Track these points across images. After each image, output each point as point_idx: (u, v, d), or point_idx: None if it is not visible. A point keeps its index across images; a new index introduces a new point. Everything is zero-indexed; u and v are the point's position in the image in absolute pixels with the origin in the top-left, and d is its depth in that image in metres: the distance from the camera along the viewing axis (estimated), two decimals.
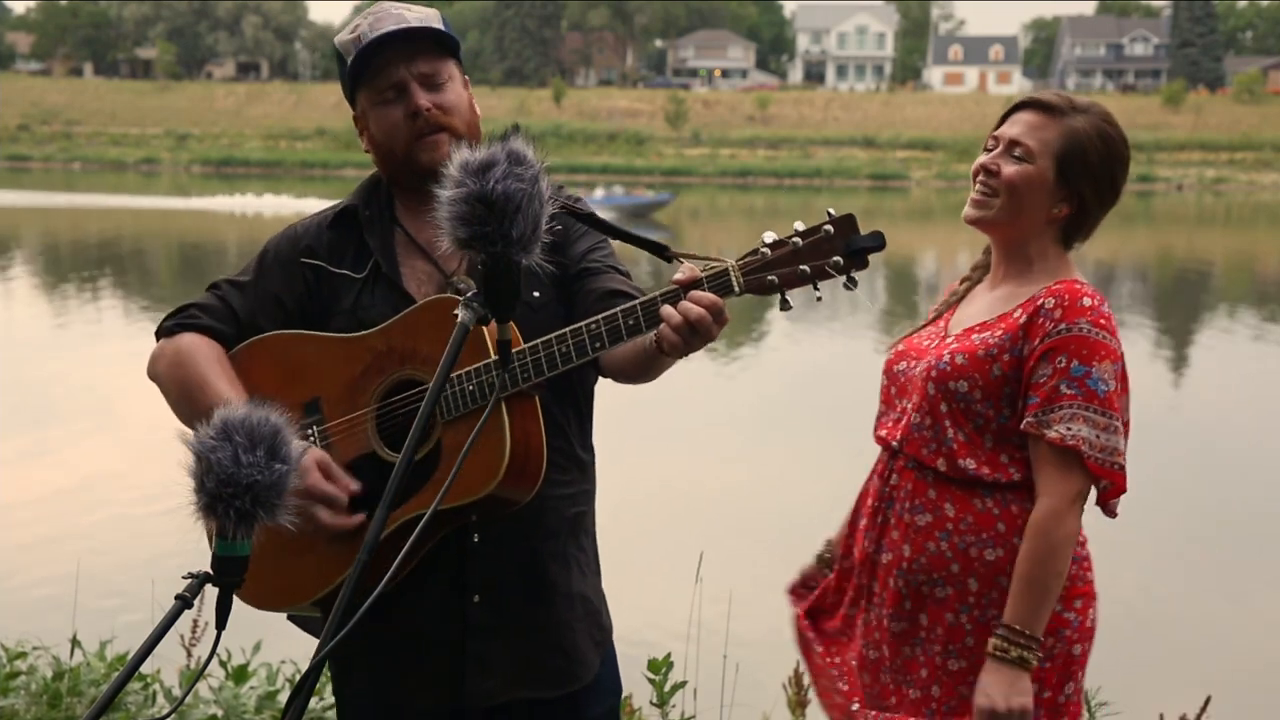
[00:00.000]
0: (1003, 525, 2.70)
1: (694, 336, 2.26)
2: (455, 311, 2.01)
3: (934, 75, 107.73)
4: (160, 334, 2.76)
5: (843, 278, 2.25)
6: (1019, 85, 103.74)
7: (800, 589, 3.13)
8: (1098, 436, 2.63)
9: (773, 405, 14.60)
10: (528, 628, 2.66)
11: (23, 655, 4.82)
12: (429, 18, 2.69)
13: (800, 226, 2.27)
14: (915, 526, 2.75)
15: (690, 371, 15.86)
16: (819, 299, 2.29)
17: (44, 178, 62.68)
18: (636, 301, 2.33)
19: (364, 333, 2.62)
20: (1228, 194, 64.88)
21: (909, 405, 2.80)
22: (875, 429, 2.91)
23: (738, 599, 5.30)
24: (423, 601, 2.61)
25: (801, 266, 2.25)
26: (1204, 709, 4.12)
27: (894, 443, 2.81)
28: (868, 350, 18.65)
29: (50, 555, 8.20)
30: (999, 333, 2.72)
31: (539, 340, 2.38)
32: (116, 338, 18.48)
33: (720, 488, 10.63)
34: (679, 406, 13.71)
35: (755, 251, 2.27)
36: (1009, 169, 2.75)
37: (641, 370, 2.51)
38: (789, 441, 12.58)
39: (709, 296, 2.26)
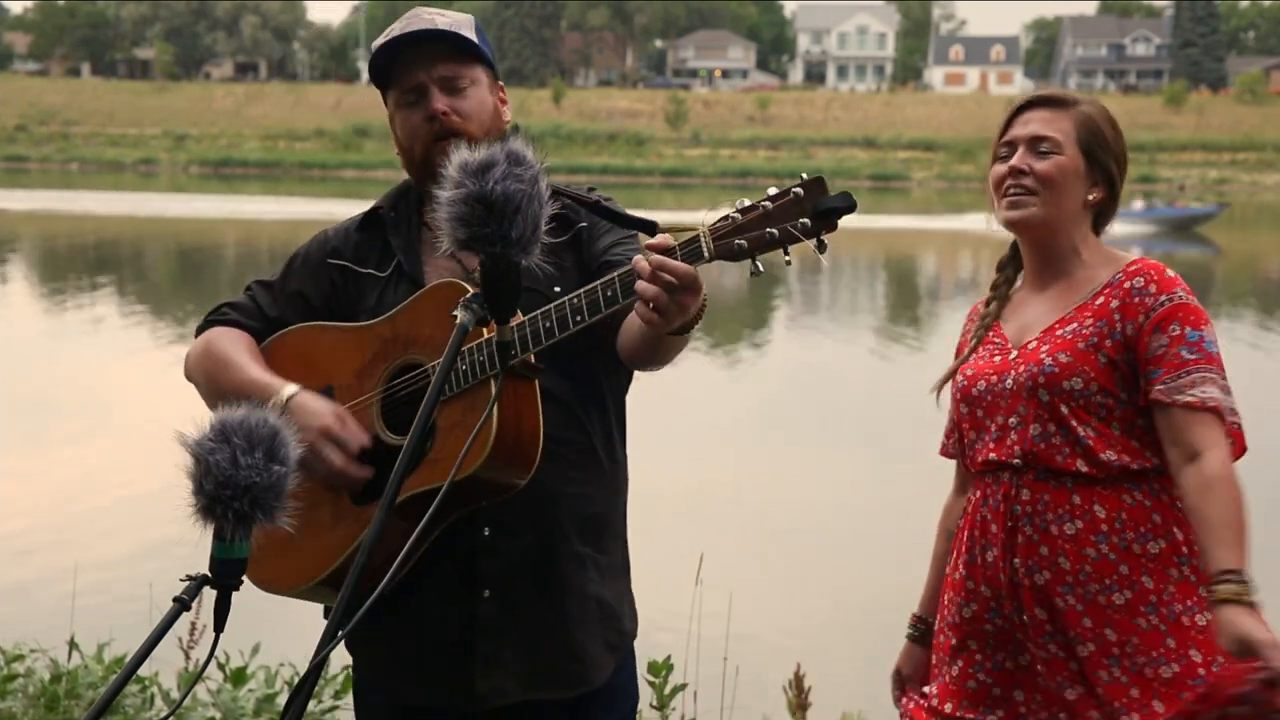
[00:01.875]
0: (1158, 515, 2.66)
1: (667, 300, 2.22)
2: (457, 307, 2.00)
3: (935, 75, 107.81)
4: (196, 335, 2.85)
5: (812, 241, 2.22)
6: (1020, 86, 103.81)
7: (912, 686, 2.98)
8: (1225, 397, 2.65)
9: (773, 406, 14.59)
10: (537, 626, 2.64)
11: (20, 657, 4.81)
12: (459, 23, 2.71)
13: (772, 191, 2.26)
14: (1066, 536, 2.65)
15: (690, 372, 15.86)
16: (788, 263, 2.25)
17: (41, 178, 62.69)
18: (615, 273, 2.33)
19: (373, 321, 2.67)
20: (1230, 195, 64.89)
21: (1012, 421, 2.73)
22: (973, 458, 2.81)
23: (738, 601, 5.29)
24: (433, 597, 2.61)
25: (770, 230, 2.22)
26: None
27: (1014, 460, 2.71)
28: (868, 351, 18.67)
29: (48, 557, 8.20)
30: (1089, 321, 2.70)
31: (524, 318, 2.38)
32: (115, 339, 18.50)
33: (721, 489, 10.63)
34: (678, 407, 13.71)
35: (726, 217, 2.26)
36: (1042, 165, 2.76)
37: (646, 352, 2.49)
38: (790, 442, 12.57)
39: (676, 264, 2.22)
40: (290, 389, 2.60)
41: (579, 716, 2.71)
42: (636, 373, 2.75)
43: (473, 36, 2.70)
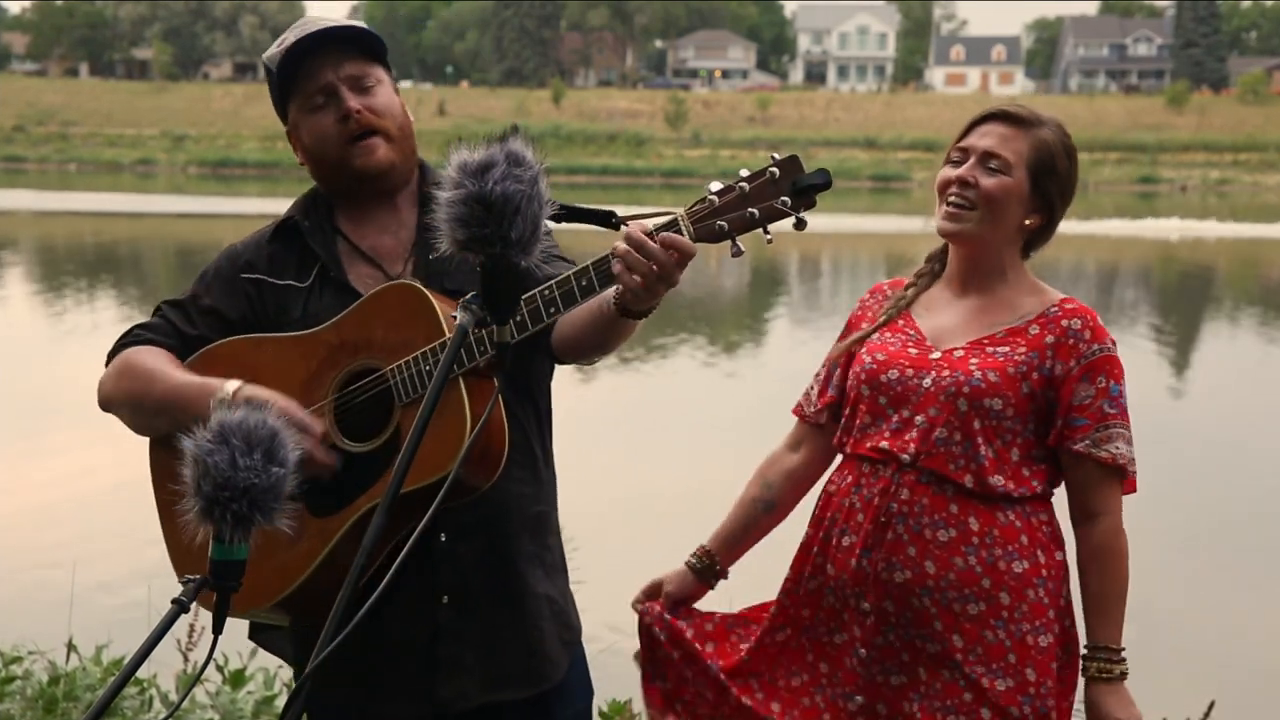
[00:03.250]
0: (1025, 538, 2.73)
1: (652, 274, 2.22)
2: (411, 309, 1.97)
3: (936, 76, 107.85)
4: (108, 361, 2.78)
5: (792, 218, 2.24)
6: (1021, 86, 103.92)
7: (672, 603, 3.02)
8: (1130, 450, 2.76)
9: (771, 406, 14.57)
10: (497, 628, 2.65)
11: (18, 660, 4.80)
12: (356, 23, 2.71)
13: (746, 172, 2.27)
14: (938, 542, 2.71)
15: (688, 372, 15.86)
16: (769, 241, 2.27)
17: (40, 179, 62.66)
18: (589, 262, 2.32)
19: (316, 329, 2.62)
20: (1232, 195, 64.87)
21: (918, 418, 2.76)
22: (859, 440, 2.83)
23: (738, 602, 5.27)
24: (392, 606, 2.58)
25: (750, 210, 2.24)
26: (1208, 714, 4.10)
27: (904, 455, 2.75)
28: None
29: (46, 559, 8.19)
30: (1022, 350, 2.75)
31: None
32: (114, 339, 18.47)
33: (721, 489, 10.59)
34: (676, 408, 13.70)
35: (703, 200, 2.27)
36: (987, 181, 2.78)
37: (598, 339, 2.48)
38: None
39: (679, 239, 2.23)
40: (233, 384, 2.54)
41: (539, 714, 2.72)
42: (631, 373, 2.74)
43: (366, 28, 2.70)
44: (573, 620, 2.79)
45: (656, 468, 10.92)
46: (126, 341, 2.76)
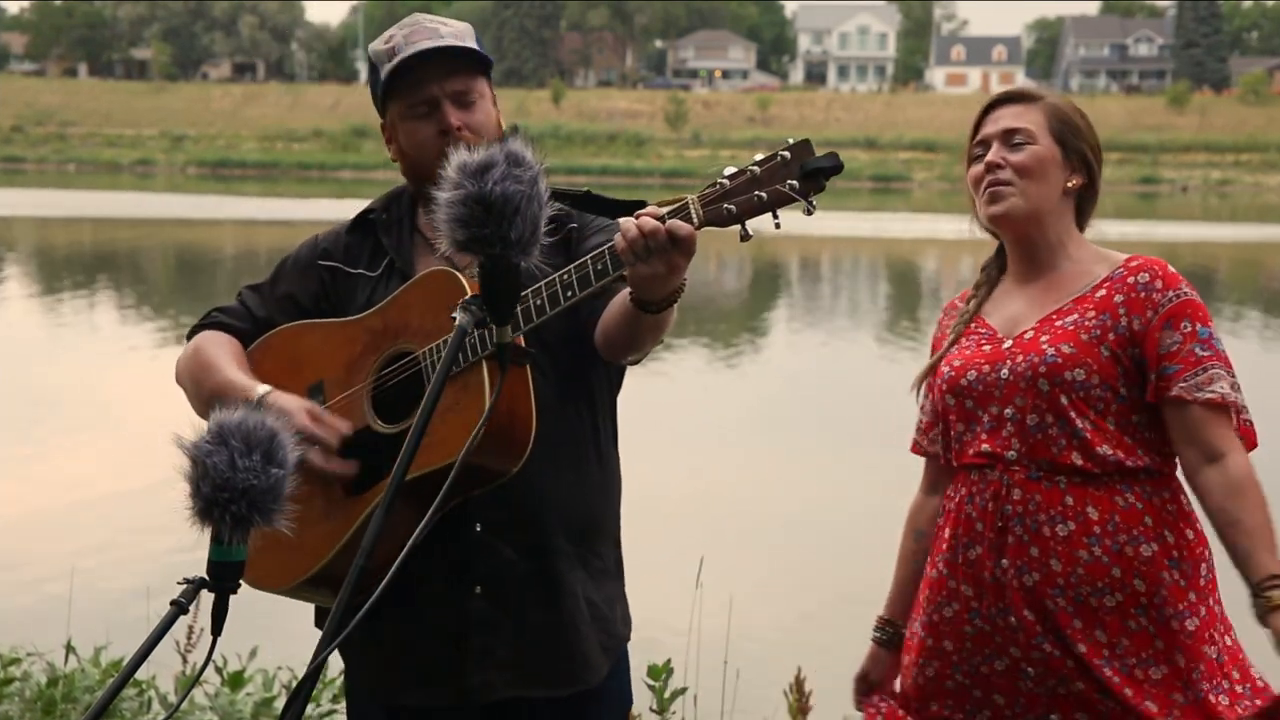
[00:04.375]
0: (1149, 519, 2.64)
1: (652, 256, 2.24)
2: (446, 294, 1.98)
3: (936, 76, 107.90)
4: (187, 339, 2.86)
5: (802, 202, 2.24)
6: (1022, 86, 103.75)
7: (876, 692, 2.94)
8: (1238, 394, 2.67)
9: (774, 407, 14.57)
10: (529, 624, 2.65)
11: (17, 661, 4.79)
12: (463, 34, 2.73)
13: (759, 156, 2.28)
14: (1058, 538, 2.63)
15: (690, 372, 15.86)
16: (777, 226, 2.26)
17: (38, 179, 62.70)
18: (604, 246, 2.34)
19: (362, 315, 2.68)
20: (1233, 196, 64.90)
21: (1008, 412, 2.69)
22: (961, 450, 2.76)
23: (739, 604, 5.27)
24: (425, 593, 2.61)
25: (759, 193, 2.25)
26: None
27: (1009, 452, 2.68)
28: (868, 352, 18.65)
29: (45, 560, 8.18)
30: (1091, 313, 2.68)
31: None
32: (113, 340, 18.48)
33: (721, 491, 10.61)
34: (679, 408, 13.70)
35: (714, 184, 2.28)
36: (1017, 156, 2.74)
37: (626, 336, 2.49)
38: (790, 444, 12.55)
39: (671, 221, 2.26)
40: (261, 389, 2.61)
41: (571, 716, 2.71)
42: (629, 373, 2.75)
43: (477, 48, 2.72)
44: (617, 629, 2.76)
45: (659, 470, 10.92)
46: (204, 323, 2.84)
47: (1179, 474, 2.72)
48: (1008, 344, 2.74)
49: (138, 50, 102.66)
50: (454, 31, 2.71)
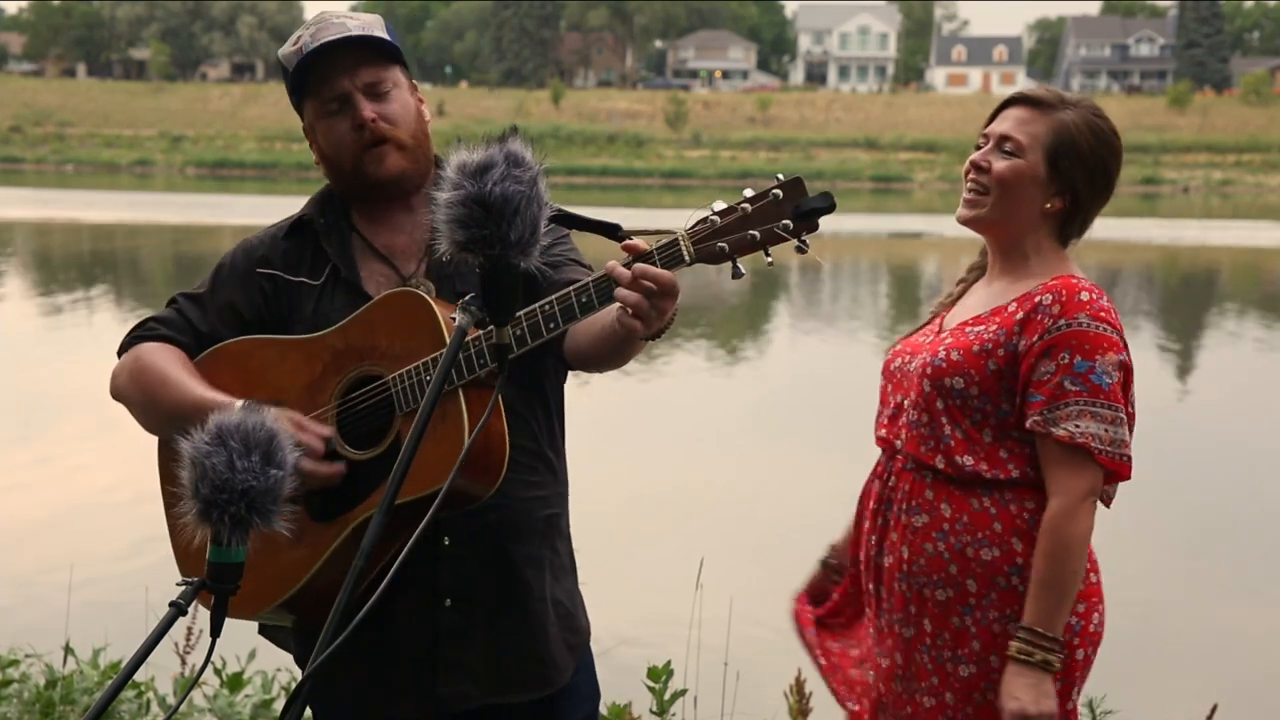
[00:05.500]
0: (999, 525, 2.69)
1: (648, 306, 2.21)
2: (414, 316, 1.96)
3: (937, 76, 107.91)
4: (120, 352, 2.77)
5: (794, 241, 2.22)
6: (1023, 86, 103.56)
7: (810, 598, 3.09)
8: (1105, 431, 2.63)
9: (774, 408, 14.57)
10: (500, 632, 2.65)
11: (15, 663, 4.78)
12: (371, 25, 2.68)
13: (750, 193, 2.25)
14: (913, 528, 2.74)
15: (690, 374, 15.84)
16: (770, 264, 2.26)
17: (37, 179, 62.67)
18: (589, 279, 2.32)
19: (322, 333, 2.63)
20: (1234, 196, 64.86)
21: (906, 403, 2.79)
22: (875, 429, 2.90)
23: (739, 605, 5.26)
24: (394, 608, 2.60)
25: (751, 232, 2.22)
26: (1210, 717, 4.09)
27: (896, 441, 2.80)
28: (868, 353, 18.64)
29: (43, 561, 8.18)
30: (993, 328, 2.72)
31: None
32: (111, 341, 18.44)
33: (721, 492, 10.60)
34: (679, 410, 13.69)
35: (705, 220, 2.25)
36: (999, 164, 2.75)
37: (609, 353, 2.48)
38: (791, 446, 12.55)
39: (660, 271, 2.21)
40: (238, 404, 2.52)
41: (545, 717, 2.72)
42: (629, 374, 2.74)
43: (387, 37, 2.67)
44: (580, 623, 2.79)
45: (659, 471, 10.91)
46: (141, 335, 2.75)
47: None
48: (930, 340, 2.82)
49: (136, 50, 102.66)
50: (361, 24, 2.66)
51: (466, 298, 1.97)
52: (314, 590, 2.54)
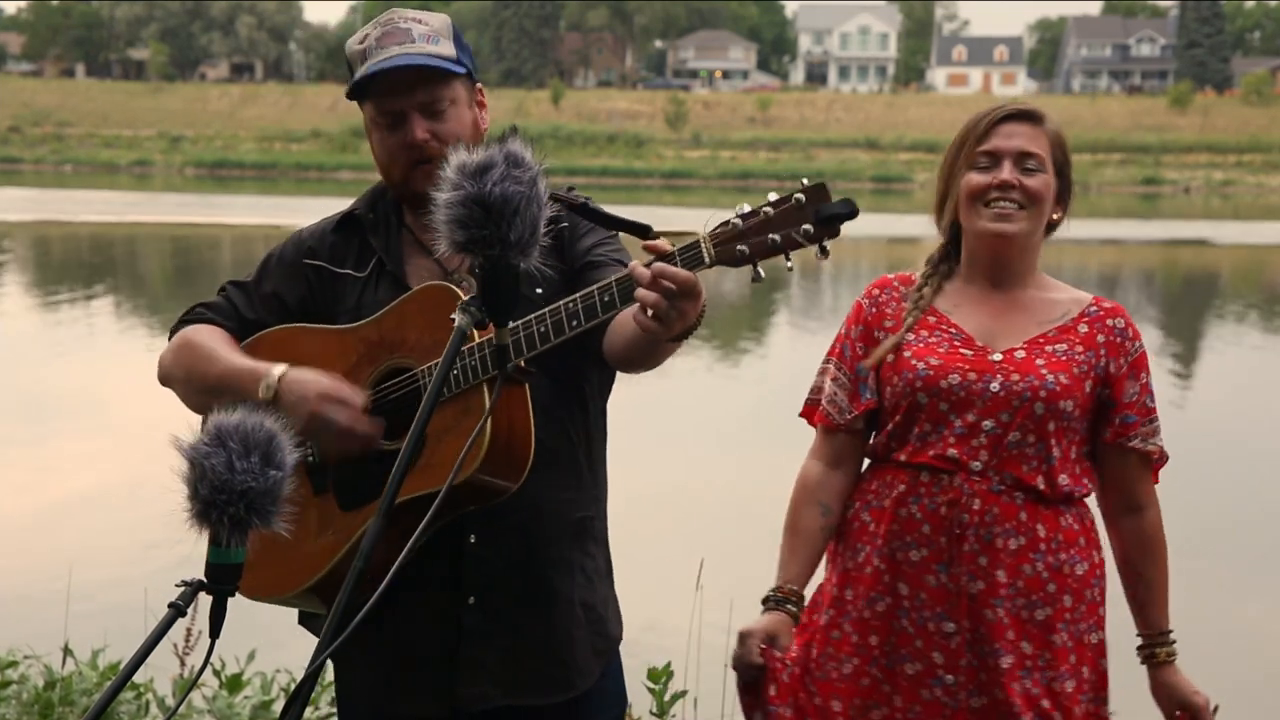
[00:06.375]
0: (1084, 540, 2.79)
1: (667, 307, 2.18)
2: (445, 310, 1.98)
3: (937, 76, 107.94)
4: (171, 336, 2.80)
5: (814, 246, 2.22)
6: (1024, 86, 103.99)
7: (774, 651, 2.88)
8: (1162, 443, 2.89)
9: (774, 409, 14.54)
10: (523, 633, 2.64)
11: (14, 664, 4.78)
12: (438, 32, 2.65)
13: (773, 196, 2.25)
14: (1008, 550, 2.73)
15: (691, 374, 15.84)
16: (790, 268, 2.26)
17: (36, 179, 62.68)
18: (612, 278, 2.31)
19: (358, 324, 2.65)
20: (1235, 196, 64.87)
21: (985, 423, 2.73)
22: (919, 449, 2.77)
23: (739, 606, 5.25)
24: (418, 605, 2.60)
25: (772, 236, 2.21)
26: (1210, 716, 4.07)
27: (973, 463, 2.73)
28: None
29: (42, 562, 8.18)
30: (1080, 349, 2.80)
31: (518, 321, 2.36)
32: (110, 341, 18.48)
33: (721, 493, 10.60)
34: (680, 410, 13.69)
35: (727, 223, 2.24)
36: (1031, 181, 2.80)
37: (641, 355, 2.46)
38: (791, 446, 12.49)
39: (678, 271, 2.19)
40: (280, 367, 2.56)
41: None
42: (623, 376, 2.73)
43: (452, 51, 2.64)
44: (610, 629, 2.76)
45: (660, 471, 10.91)
46: (189, 318, 2.79)
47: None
48: (995, 357, 2.78)
49: (135, 50, 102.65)
50: (427, 31, 2.64)
51: (467, 298, 1.97)
52: (337, 578, 2.54)
